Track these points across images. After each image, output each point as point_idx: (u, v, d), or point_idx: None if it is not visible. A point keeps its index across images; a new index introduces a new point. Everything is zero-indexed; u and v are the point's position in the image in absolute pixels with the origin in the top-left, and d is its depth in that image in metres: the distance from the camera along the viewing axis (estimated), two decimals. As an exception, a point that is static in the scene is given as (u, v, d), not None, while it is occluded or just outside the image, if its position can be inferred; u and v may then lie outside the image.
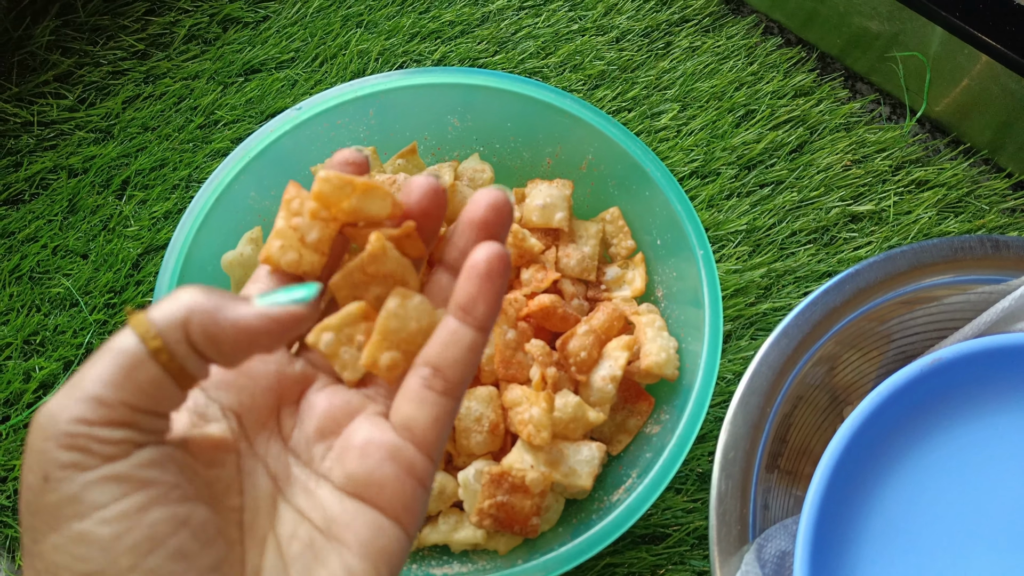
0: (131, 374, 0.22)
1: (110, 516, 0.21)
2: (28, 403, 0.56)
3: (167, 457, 0.23)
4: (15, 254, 0.60)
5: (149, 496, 0.22)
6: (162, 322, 0.23)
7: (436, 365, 0.26)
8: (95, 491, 0.21)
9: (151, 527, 0.22)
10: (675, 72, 0.67)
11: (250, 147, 0.49)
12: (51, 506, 0.21)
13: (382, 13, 0.68)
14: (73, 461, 0.22)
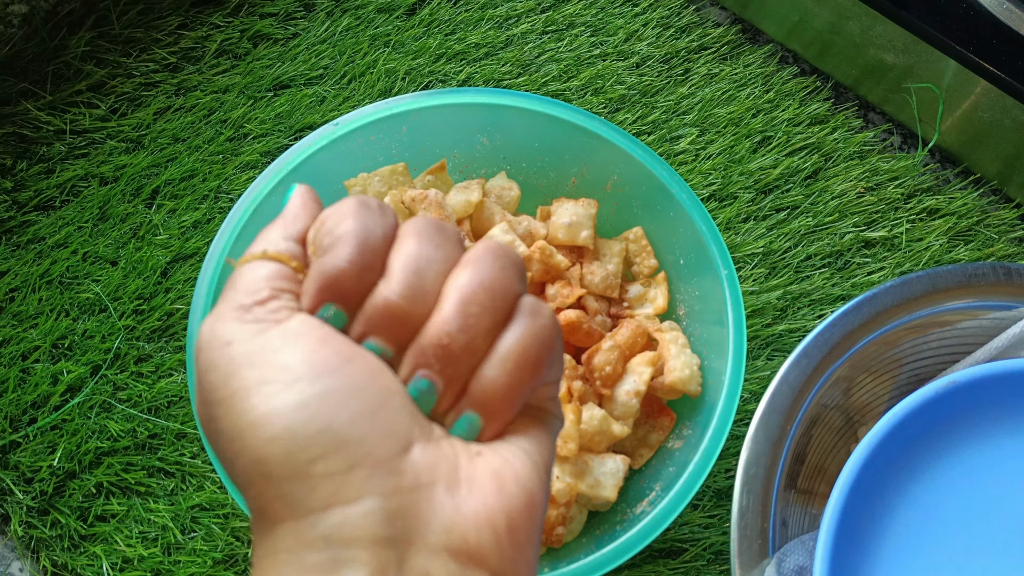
0: (283, 273, 0.25)
1: (303, 343, 0.23)
2: (55, 406, 0.57)
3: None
4: (45, 259, 0.61)
5: (326, 335, 0.24)
6: (285, 247, 0.26)
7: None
8: (281, 336, 0.24)
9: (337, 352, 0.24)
10: (694, 98, 0.69)
11: (287, 160, 0.51)
12: (239, 358, 0.23)
13: (409, 34, 0.70)
14: (251, 331, 0.24)
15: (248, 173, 0.64)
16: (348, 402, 0.23)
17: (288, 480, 0.22)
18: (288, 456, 0.22)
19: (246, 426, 0.23)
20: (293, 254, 0.26)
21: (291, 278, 0.25)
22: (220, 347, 0.24)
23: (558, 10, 0.72)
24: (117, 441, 0.56)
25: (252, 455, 0.23)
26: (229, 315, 0.24)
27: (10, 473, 0.55)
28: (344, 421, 0.23)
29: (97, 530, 0.54)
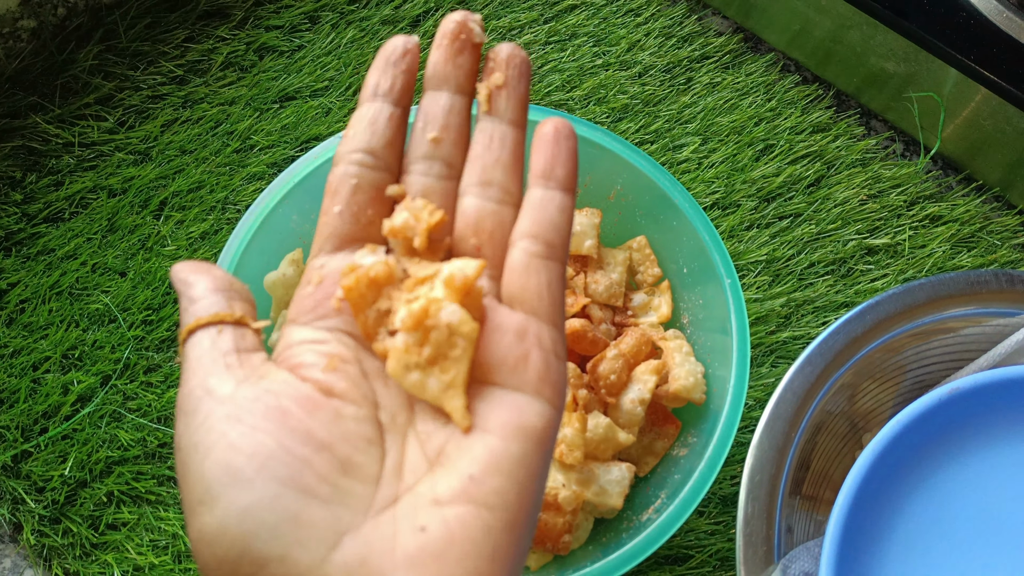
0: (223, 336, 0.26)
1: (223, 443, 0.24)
2: (66, 416, 0.57)
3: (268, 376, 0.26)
4: (55, 270, 0.62)
5: (257, 413, 0.24)
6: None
7: (533, 234, 0.26)
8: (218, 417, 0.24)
9: (258, 444, 0.24)
10: (696, 107, 0.69)
11: (294, 173, 0.51)
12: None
13: (414, 45, 0.71)
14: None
15: (255, 184, 0.65)
16: (270, 511, 0.23)
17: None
18: (220, 568, 0.23)
19: (191, 537, 0.24)
20: (221, 308, 0.26)
21: (236, 332, 0.26)
22: (183, 412, 0.25)
23: (561, 21, 0.73)
24: (127, 450, 0.56)
25: (201, 563, 0.24)
26: (208, 367, 0.25)
27: (22, 482, 0.55)
28: (264, 539, 0.22)
29: (108, 538, 0.54)
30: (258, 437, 0.23)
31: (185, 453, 0.24)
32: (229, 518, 0.22)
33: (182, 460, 0.24)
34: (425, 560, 0.22)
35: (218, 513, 0.23)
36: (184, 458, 0.24)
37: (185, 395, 0.25)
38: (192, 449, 0.24)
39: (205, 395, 0.24)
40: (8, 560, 0.55)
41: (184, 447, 0.24)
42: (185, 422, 0.24)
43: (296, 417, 0.24)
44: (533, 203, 0.27)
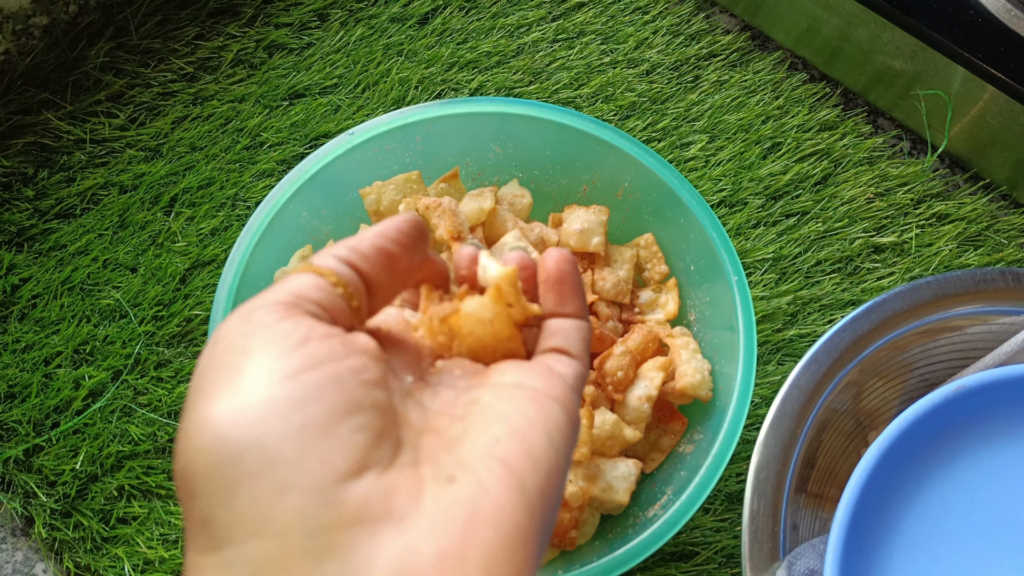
0: (308, 283, 0.25)
1: (285, 347, 0.22)
2: (77, 410, 0.58)
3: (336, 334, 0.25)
4: (67, 266, 0.62)
5: (317, 334, 0.23)
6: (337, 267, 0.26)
7: (555, 347, 0.28)
8: (270, 330, 0.23)
9: (318, 356, 0.23)
10: (704, 105, 0.69)
11: (304, 170, 0.52)
12: (225, 353, 0.23)
13: (422, 43, 0.71)
14: (262, 323, 0.23)
15: (264, 181, 0.65)
16: (294, 413, 0.20)
17: (210, 501, 0.20)
18: (212, 471, 0.20)
19: (182, 432, 0.21)
20: (338, 272, 0.26)
21: (323, 291, 0.25)
22: (213, 341, 0.23)
23: (569, 19, 0.73)
24: (138, 445, 0.57)
25: (181, 465, 0.21)
26: (241, 310, 0.24)
27: (34, 476, 0.56)
28: (279, 435, 0.20)
29: (119, 532, 0.55)
30: (315, 348, 0.22)
31: (230, 339, 0.22)
32: (252, 402, 0.20)
33: (223, 344, 0.22)
34: (453, 509, 0.21)
35: (243, 393, 0.21)
36: (226, 343, 0.22)
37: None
38: (244, 337, 0.22)
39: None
40: (20, 553, 0.55)
41: (230, 334, 0.23)
42: (244, 314, 0.23)
43: (364, 346, 0.24)
44: (551, 328, 0.29)
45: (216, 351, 0.23)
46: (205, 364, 0.23)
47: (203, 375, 0.22)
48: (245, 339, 0.22)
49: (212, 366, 0.22)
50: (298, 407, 0.21)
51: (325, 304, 0.25)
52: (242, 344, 0.22)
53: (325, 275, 0.25)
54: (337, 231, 0.55)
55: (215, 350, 0.23)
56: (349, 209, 0.55)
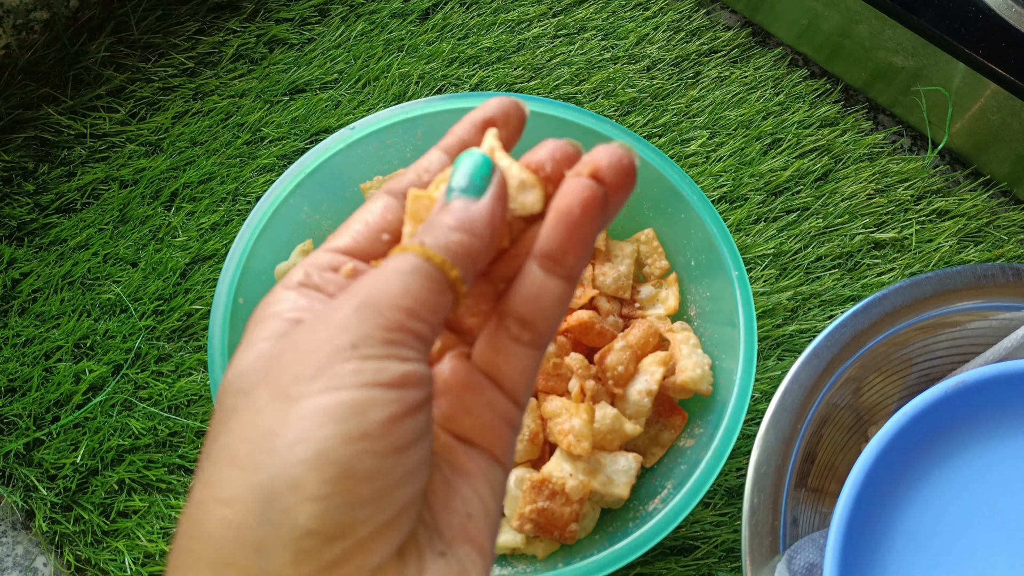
0: (436, 299, 0.23)
1: (389, 398, 0.22)
2: (77, 404, 0.58)
3: (430, 379, 0.24)
4: (67, 260, 0.62)
5: (417, 401, 0.23)
6: (454, 255, 0.24)
7: (523, 317, 0.25)
8: (385, 374, 0.22)
9: (412, 430, 0.22)
10: (704, 100, 0.69)
11: (305, 164, 0.52)
12: (340, 372, 0.22)
13: (423, 38, 0.71)
14: (384, 341, 0.22)
15: (265, 176, 0.65)
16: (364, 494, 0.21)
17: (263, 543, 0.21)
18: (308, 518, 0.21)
19: (259, 452, 0.21)
20: (453, 254, 0.24)
21: (439, 303, 0.24)
22: (261, 319, 0.24)
23: (569, 14, 0.73)
24: (138, 439, 0.57)
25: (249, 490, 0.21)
26: (287, 282, 0.24)
27: (34, 470, 0.56)
28: (358, 516, 0.21)
29: (119, 526, 0.55)
30: (422, 421, 0.23)
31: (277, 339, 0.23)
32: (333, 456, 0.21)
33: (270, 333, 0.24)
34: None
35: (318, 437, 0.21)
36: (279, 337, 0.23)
37: None
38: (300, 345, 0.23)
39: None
40: (20, 547, 0.55)
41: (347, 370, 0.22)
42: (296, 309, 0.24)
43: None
44: (530, 285, 0.25)
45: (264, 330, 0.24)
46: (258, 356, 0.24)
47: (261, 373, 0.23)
48: (347, 377, 0.22)
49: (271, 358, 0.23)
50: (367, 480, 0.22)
51: (434, 323, 0.23)
52: (345, 380, 0.22)
53: (443, 266, 0.23)
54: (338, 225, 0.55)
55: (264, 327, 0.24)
56: (350, 204, 0.55)
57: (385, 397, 0.22)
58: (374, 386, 0.22)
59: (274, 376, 0.22)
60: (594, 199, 0.24)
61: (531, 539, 0.47)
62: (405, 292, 0.23)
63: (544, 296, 0.24)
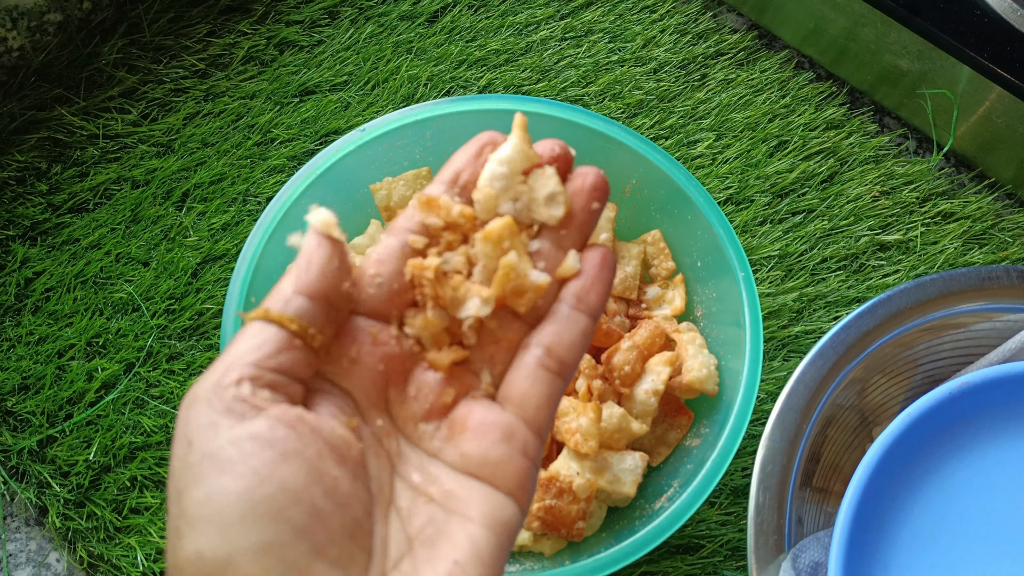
0: (258, 340, 0.25)
1: (245, 470, 0.23)
2: (90, 402, 0.59)
3: (300, 418, 0.24)
4: (80, 260, 0.63)
5: (281, 451, 0.23)
6: (292, 306, 0.25)
7: (550, 347, 0.28)
8: (230, 448, 0.23)
9: (284, 481, 0.23)
10: (711, 103, 0.70)
11: (316, 165, 0.52)
12: (194, 465, 0.23)
13: (431, 41, 0.72)
14: (212, 422, 0.24)
15: (275, 177, 0.66)
16: (279, 558, 0.22)
17: None
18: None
19: (176, 558, 0.23)
20: (301, 313, 0.25)
21: (286, 347, 0.25)
22: (182, 439, 0.24)
23: (577, 17, 0.73)
24: (150, 436, 0.58)
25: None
26: (205, 393, 0.24)
27: (48, 467, 0.57)
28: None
29: (131, 522, 0.56)
30: (282, 473, 0.23)
31: (192, 465, 0.23)
32: (237, 553, 0.22)
33: (185, 472, 0.24)
34: None
35: (223, 546, 0.22)
36: (190, 471, 0.23)
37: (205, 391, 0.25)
38: (202, 461, 0.23)
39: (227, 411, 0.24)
40: (33, 543, 0.56)
41: (193, 459, 0.23)
42: (198, 429, 0.24)
43: (326, 465, 0.24)
44: (559, 318, 0.28)
45: (189, 460, 0.24)
46: (179, 467, 0.24)
47: (183, 482, 0.24)
48: (209, 457, 0.23)
49: (189, 474, 0.24)
50: (276, 555, 0.23)
51: (286, 367, 0.25)
52: (214, 451, 0.23)
53: (285, 324, 0.25)
54: (348, 226, 0.56)
55: (188, 452, 0.24)
56: (360, 205, 0.56)
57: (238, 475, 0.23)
58: (221, 473, 0.24)
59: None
60: (609, 254, 0.29)
61: (538, 537, 0.48)
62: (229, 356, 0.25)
63: (571, 329, 0.28)
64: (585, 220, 0.29)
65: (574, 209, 0.29)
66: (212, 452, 0.23)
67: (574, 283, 0.28)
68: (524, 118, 0.29)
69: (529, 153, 0.29)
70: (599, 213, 0.30)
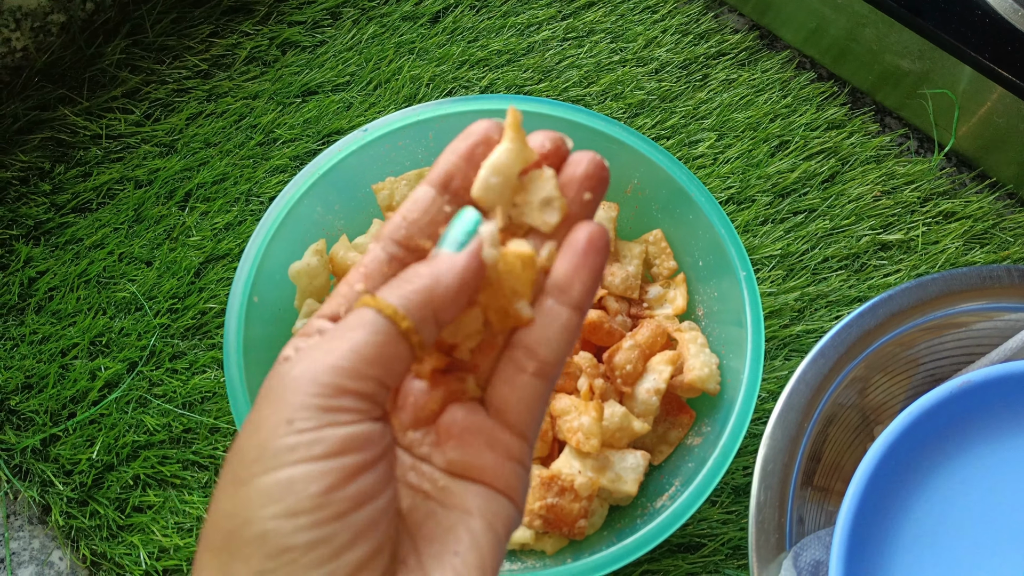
0: (382, 351, 0.24)
1: (335, 467, 0.23)
2: (93, 401, 0.59)
3: (384, 433, 0.25)
4: (83, 259, 0.63)
5: (365, 460, 0.23)
6: (409, 304, 0.25)
7: (530, 346, 0.26)
8: (331, 443, 0.23)
9: (361, 488, 0.23)
10: (712, 103, 0.70)
11: (318, 165, 0.52)
12: (287, 446, 0.23)
13: (433, 41, 0.72)
14: (321, 409, 0.23)
15: (278, 177, 0.66)
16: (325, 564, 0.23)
17: None
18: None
19: (248, 534, 0.23)
20: (405, 308, 0.25)
21: (383, 357, 0.24)
22: (280, 418, 0.24)
23: (579, 17, 0.73)
24: (153, 435, 0.58)
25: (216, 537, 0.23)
26: (315, 376, 0.24)
27: (51, 465, 0.57)
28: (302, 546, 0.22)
29: (134, 520, 0.56)
30: (363, 482, 0.24)
31: (282, 443, 0.23)
32: (302, 543, 0.23)
33: (273, 441, 0.23)
34: None
35: (297, 532, 0.22)
36: (276, 447, 0.23)
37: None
38: (297, 447, 0.23)
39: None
40: (37, 541, 0.56)
41: (285, 442, 0.23)
42: (296, 409, 0.24)
43: (390, 475, 0.25)
44: (540, 314, 0.27)
45: (279, 432, 0.23)
46: (269, 442, 0.24)
47: (263, 447, 0.23)
48: (312, 443, 0.23)
49: (273, 448, 0.23)
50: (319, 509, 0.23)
51: (383, 377, 0.25)
52: (301, 444, 0.23)
53: (394, 317, 0.25)
54: (350, 226, 0.56)
55: (278, 429, 0.23)
56: (362, 204, 0.56)
57: (319, 469, 0.23)
58: (307, 461, 0.23)
59: (230, 458, 0.24)
60: (599, 232, 0.27)
61: (540, 535, 0.48)
62: (349, 351, 0.24)
63: (552, 323, 0.26)
64: (577, 213, 0.27)
65: (568, 203, 0.27)
66: (315, 440, 0.23)
67: (555, 272, 0.27)
68: (518, 114, 0.27)
69: (525, 154, 0.27)
70: (594, 205, 0.28)
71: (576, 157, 0.28)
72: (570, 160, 0.28)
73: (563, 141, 0.28)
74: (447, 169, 0.27)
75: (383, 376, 0.24)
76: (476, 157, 0.27)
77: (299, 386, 0.23)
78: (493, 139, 0.27)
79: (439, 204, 0.27)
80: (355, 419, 0.24)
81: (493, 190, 0.27)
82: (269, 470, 0.23)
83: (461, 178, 0.27)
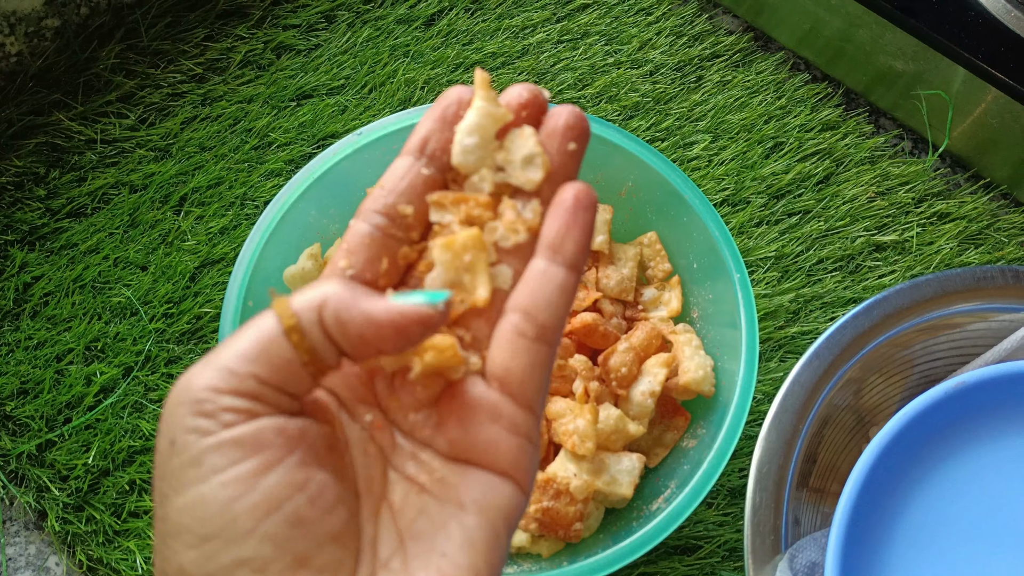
0: (264, 348, 0.23)
1: (227, 479, 0.22)
2: (89, 406, 0.59)
3: (286, 426, 0.24)
4: (78, 264, 0.63)
5: (265, 460, 0.23)
6: (300, 304, 0.24)
7: (526, 310, 0.25)
8: (214, 455, 0.22)
9: (268, 491, 0.22)
10: (706, 105, 0.70)
11: (312, 170, 0.52)
12: (176, 469, 0.23)
13: (428, 44, 0.72)
14: (197, 426, 0.23)
15: (273, 181, 0.66)
16: (264, 570, 0.22)
17: None
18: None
19: (168, 570, 0.23)
20: (302, 327, 0.24)
21: (293, 367, 0.24)
22: (165, 437, 0.23)
23: (573, 20, 0.74)
24: (149, 440, 0.58)
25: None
26: (197, 393, 0.23)
27: (46, 471, 0.57)
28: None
29: (130, 526, 0.56)
30: (266, 483, 0.23)
31: (175, 469, 0.23)
32: (218, 572, 0.22)
33: (168, 474, 0.23)
34: None
35: (206, 564, 0.22)
36: (174, 475, 0.23)
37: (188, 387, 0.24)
38: (186, 466, 0.22)
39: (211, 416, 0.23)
40: (33, 546, 0.56)
41: (176, 463, 0.23)
42: (184, 431, 0.23)
43: (310, 471, 0.24)
44: (534, 275, 0.26)
45: (172, 462, 0.23)
46: (162, 467, 0.23)
47: (167, 486, 0.23)
48: (194, 462, 0.23)
49: (172, 479, 0.23)
50: (239, 517, 0.22)
51: (288, 388, 0.24)
52: (191, 462, 0.23)
53: (281, 315, 0.24)
54: (345, 230, 0.56)
55: (171, 460, 0.23)
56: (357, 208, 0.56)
57: (214, 486, 0.23)
58: (198, 482, 0.23)
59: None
60: (585, 191, 0.26)
61: (536, 538, 0.48)
62: (231, 350, 0.24)
63: (548, 283, 0.25)
64: (562, 165, 0.27)
65: (551, 158, 0.26)
66: (196, 457, 0.23)
67: (546, 231, 0.26)
68: (486, 75, 0.26)
69: (498, 113, 0.26)
70: (578, 156, 0.27)
71: (556, 110, 0.27)
72: (550, 113, 0.27)
73: (540, 92, 0.27)
74: (422, 134, 0.27)
75: (262, 373, 0.23)
76: (449, 119, 0.27)
77: (178, 402, 0.23)
78: (465, 100, 0.27)
79: (416, 168, 0.27)
80: (236, 420, 0.23)
81: (471, 152, 0.26)
82: (168, 497, 0.23)
83: (436, 140, 0.27)
